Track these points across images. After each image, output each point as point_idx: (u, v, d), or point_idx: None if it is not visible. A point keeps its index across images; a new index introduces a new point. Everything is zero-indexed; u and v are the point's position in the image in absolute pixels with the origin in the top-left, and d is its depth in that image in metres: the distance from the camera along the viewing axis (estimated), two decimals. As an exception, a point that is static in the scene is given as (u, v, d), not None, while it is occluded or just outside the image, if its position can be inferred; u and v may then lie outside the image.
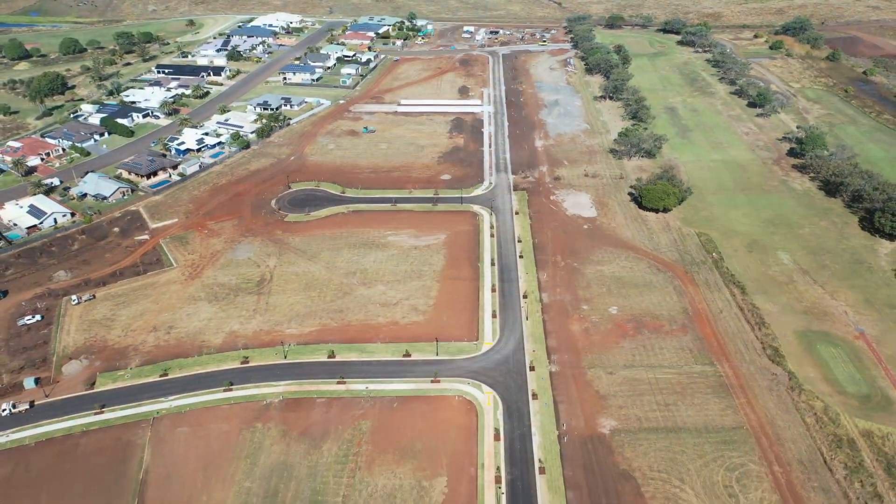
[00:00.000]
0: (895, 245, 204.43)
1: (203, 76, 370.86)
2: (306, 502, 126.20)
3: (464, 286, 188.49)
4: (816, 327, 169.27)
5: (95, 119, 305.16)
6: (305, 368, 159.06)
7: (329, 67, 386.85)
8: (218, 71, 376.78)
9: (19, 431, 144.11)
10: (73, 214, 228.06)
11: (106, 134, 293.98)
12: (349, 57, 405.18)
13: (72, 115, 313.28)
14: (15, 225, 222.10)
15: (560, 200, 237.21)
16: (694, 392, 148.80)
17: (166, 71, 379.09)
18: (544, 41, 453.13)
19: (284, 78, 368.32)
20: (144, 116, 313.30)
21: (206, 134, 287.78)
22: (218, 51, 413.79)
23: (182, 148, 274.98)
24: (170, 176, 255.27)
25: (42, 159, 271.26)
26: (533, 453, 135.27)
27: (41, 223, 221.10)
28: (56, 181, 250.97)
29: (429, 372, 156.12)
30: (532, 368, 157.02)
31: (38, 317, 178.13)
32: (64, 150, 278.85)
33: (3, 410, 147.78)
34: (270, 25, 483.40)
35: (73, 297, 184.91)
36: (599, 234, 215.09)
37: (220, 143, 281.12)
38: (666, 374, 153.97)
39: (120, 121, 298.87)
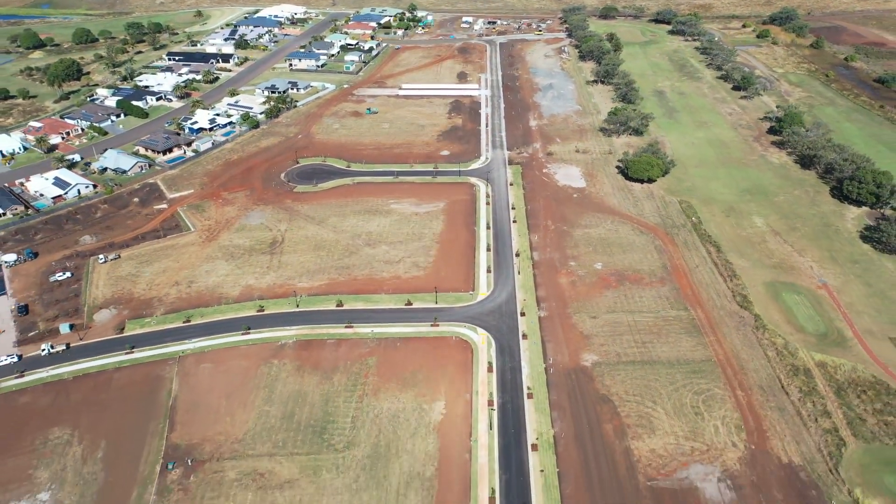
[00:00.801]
0: (861, 210, 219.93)
1: (212, 63, 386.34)
2: (320, 422, 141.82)
3: (461, 246, 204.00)
4: (783, 279, 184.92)
5: (111, 102, 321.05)
6: (316, 315, 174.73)
7: (333, 55, 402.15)
8: (226, 58, 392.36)
9: (58, 368, 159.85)
10: (95, 186, 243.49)
11: (122, 115, 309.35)
12: (352, 45, 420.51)
13: (88, 99, 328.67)
14: (41, 195, 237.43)
15: (552, 173, 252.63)
16: (669, 332, 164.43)
17: (177, 58, 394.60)
18: (540, 31, 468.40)
19: (290, 64, 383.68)
20: (158, 99, 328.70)
21: (218, 114, 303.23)
22: (226, 40, 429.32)
23: (195, 127, 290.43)
24: (184, 152, 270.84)
25: (63, 138, 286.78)
26: (522, 382, 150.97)
27: (66, 193, 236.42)
28: (77, 157, 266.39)
29: (428, 317, 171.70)
30: (523, 314, 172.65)
31: (68, 274, 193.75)
32: (83, 129, 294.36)
33: (43, 351, 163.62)
34: (276, 16, 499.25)
35: (101, 256, 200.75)
36: (588, 201, 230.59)
37: (230, 123, 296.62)
38: (644, 318, 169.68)
39: (135, 103, 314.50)
